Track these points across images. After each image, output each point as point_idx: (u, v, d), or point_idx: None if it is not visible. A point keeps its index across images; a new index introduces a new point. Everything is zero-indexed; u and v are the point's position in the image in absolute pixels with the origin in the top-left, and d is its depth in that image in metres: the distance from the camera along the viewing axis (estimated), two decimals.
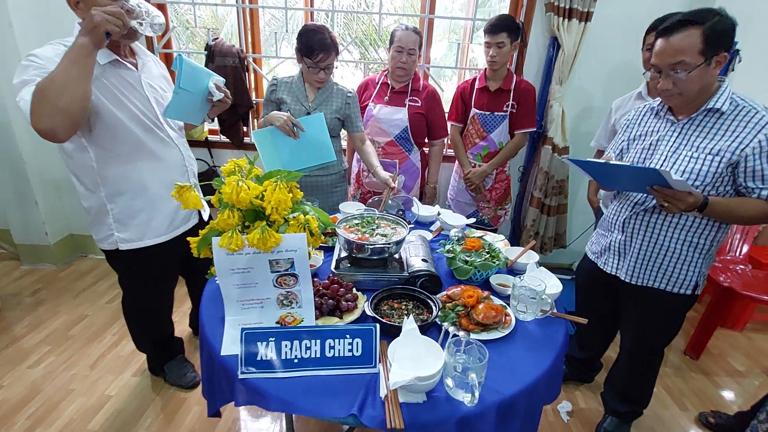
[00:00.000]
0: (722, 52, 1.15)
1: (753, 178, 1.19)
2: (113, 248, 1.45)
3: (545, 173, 2.51)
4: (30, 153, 2.47)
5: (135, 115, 1.35)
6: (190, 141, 1.69)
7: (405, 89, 2.09)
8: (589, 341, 1.84)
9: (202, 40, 3.88)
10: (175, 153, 1.50)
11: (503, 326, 1.10)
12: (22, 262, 2.72)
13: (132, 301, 1.66)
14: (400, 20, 2.58)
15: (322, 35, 1.71)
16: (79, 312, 2.28)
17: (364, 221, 1.40)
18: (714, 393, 1.99)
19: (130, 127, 1.34)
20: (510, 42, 1.97)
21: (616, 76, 2.45)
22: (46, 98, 1.08)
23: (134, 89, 1.36)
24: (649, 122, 1.39)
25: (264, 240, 0.95)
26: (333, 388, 0.89)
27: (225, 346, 1.00)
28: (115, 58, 1.32)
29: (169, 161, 1.48)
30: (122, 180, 1.39)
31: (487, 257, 1.35)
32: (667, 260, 1.36)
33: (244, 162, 1.06)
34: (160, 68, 1.53)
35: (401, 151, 2.15)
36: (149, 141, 1.40)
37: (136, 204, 1.42)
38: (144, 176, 1.41)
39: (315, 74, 1.77)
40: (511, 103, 2.11)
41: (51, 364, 1.91)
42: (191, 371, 1.84)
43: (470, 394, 0.84)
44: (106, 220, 1.42)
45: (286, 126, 1.67)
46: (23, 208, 2.57)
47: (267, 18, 4.97)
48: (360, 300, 1.15)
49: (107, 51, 1.29)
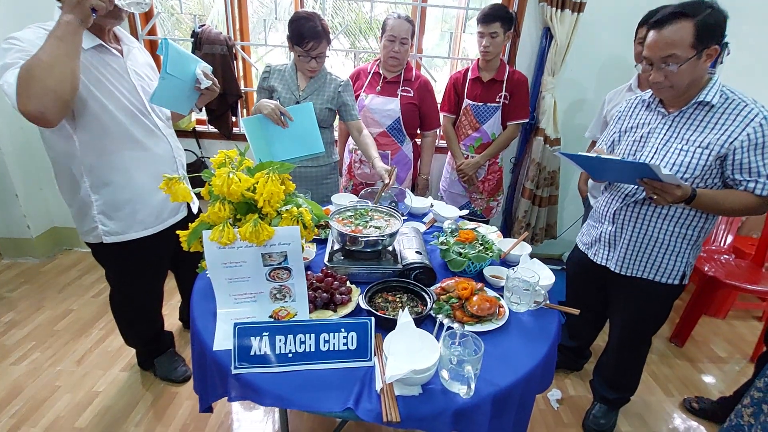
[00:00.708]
0: (713, 45, 1.15)
1: (740, 171, 1.21)
2: (98, 241, 1.41)
3: (537, 164, 2.52)
4: (8, 143, 2.38)
5: (121, 103, 1.31)
6: (177, 131, 1.64)
7: (397, 79, 2.07)
8: (579, 330, 1.87)
9: (188, 26, 3.78)
10: (163, 144, 1.45)
11: (497, 318, 1.10)
12: (3, 257, 2.64)
13: (120, 296, 1.62)
14: (391, 8, 2.54)
15: (313, 23, 1.67)
16: (64, 307, 2.23)
17: (357, 213, 1.39)
18: (698, 379, 2.05)
19: (116, 115, 1.30)
20: (503, 32, 1.95)
21: (607, 68, 2.46)
22: (33, 78, 1.04)
23: (120, 76, 1.31)
24: (641, 114, 1.40)
25: (256, 233, 0.92)
26: (328, 382, 0.89)
27: (217, 341, 0.98)
28: (100, 42, 1.26)
29: (156, 152, 1.43)
30: (107, 170, 1.34)
31: (481, 249, 1.35)
32: (656, 251, 1.38)
33: (234, 153, 1.03)
34: (145, 56, 1.47)
35: (393, 142, 2.13)
36: (136, 130, 1.35)
37: (122, 195, 1.38)
38: (130, 166, 1.37)
39: (306, 63, 1.73)
40: (504, 94, 2.10)
41: (35, 361, 1.87)
42: (182, 365, 1.82)
43: (466, 386, 0.85)
44: (89, 212, 1.37)
45: (273, 114, 1.64)
46: (2, 201, 2.48)
47: (255, 5, 4.84)
48: (354, 293, 1.14)
49: (91, 35, 1.23)
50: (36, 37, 1.14)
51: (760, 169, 1.19)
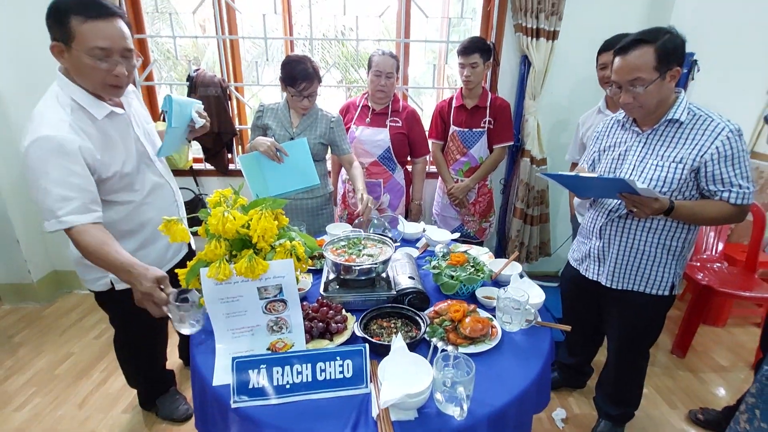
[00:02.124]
0: (675, 66, 1.24)
1: (714, 182, 1.27)
2: (106, 288, 1.40)
3: (526, 184, 2.59)
4: (9, 188, 2.44)
5: (131, 160, 1.31)
6: (175, 171, 1.69)
7: (385, 111, 2.16)
8: (578, 347, 1.88)
9: (184, 68, 3.93)
10: (166, 189, 1.47)
11: (490, 338, 1.13)
12: (3, 302, 2.66)
13: (126, 339, 1.62)
14: (377, 44, 2.67)
15: (305, 65, 1.77)
16: (64, 350, 2.23)
17: (350, 243, 1.43)
18: (701, 389, 2.04)
19: (127, 172, 1.29)
20: (483, 62, 2.06)
21: (586, 89, 2.56)
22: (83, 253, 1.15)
23: (127, 134, 1.31)
24: (617, 134, 1.47)
25: (252, 268, 0.97)
26: (326, 411, 0.91)
27: (217, 376, 1.00)
28: (111, 110, 1.25)
29: (160, 196, 1.44)
30: (119, 223, 1.33)
31: (472, 271, 1.38)
32: (644, 263, 1.42)
33: (229, 192, 1.08)
34: (138, 99, 1.48)
35: (385, 170, 2.20)
36: (143, 180, 1.37)
37: (132, 244, 1.37)
38: (138, 216, 1.37)
39: (299, 102, 1.82)
40: (488, 119, 2.19)
41: (37, 406, 1.86)
42: (183, 403, 1.81)
43: (459, 407, 0.87)
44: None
45: (270, 151, 1.71)
46: (4, 246, 2.52)
47: (247, 45, 5.05)
48: (349, 321, 1.17)
49: (100, 103, 1.22)
50: (59, 119, 1.14)
51: (732, 179, 1.25)
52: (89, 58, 1.10)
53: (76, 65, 1.13)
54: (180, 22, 4.84)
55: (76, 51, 1.10)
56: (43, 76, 2.30)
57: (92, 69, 1.12)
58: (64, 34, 1.09)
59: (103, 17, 1.10)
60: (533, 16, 2.29)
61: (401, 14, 2.48)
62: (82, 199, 1.13)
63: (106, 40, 1.10)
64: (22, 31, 2.29)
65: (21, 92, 2.37)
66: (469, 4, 2.66)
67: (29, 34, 2.29)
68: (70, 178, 1.11)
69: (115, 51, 1.13)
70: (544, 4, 2.26)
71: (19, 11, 2.27)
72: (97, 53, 1.11)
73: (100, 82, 1.16)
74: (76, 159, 1.12)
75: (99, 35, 1.09)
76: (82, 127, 1.17)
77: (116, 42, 1.12)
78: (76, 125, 1.16)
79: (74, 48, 1.10)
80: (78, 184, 1.12)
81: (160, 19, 4.48)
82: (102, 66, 1.12)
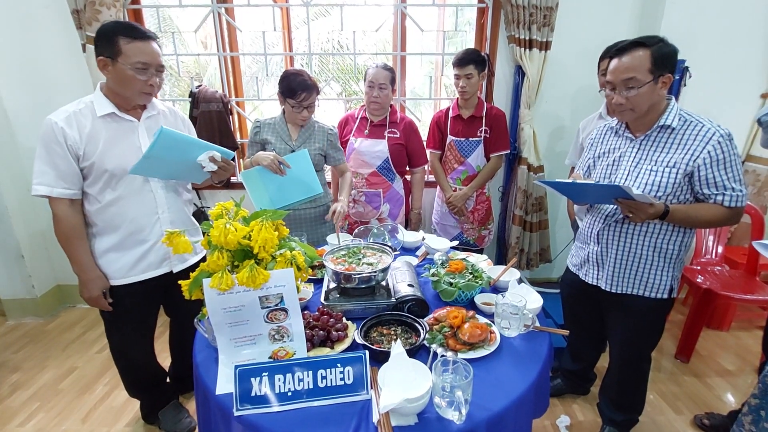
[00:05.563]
0: (667, 73, 1.28)
1: (707, 186, 1.30)
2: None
3: (523, 192, 2.61)
4: (15, 204, 2.48)
5: (118, 161, 1.38)
6: None
7: (383, 122, 2.20)
8: (581, 352, 1.88)
9: (186, 84, 4.01)
10: (148, 199, 1.48)
11: (489, 344, 1.14)
12: (7, 318, 2.67)
13: (114, 344, 1.63)
14: (375, 58, 2.73)
15: (303, 77, 1.82)
16: (68, 365, 2.24)
17: (350, 252, 1.45)
18: (707, 394, 2.03)
19: (108, 169, 1.38)
20: (477, 73, 2.11)
21: (580, 97, 2.61)
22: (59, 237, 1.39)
23: (128, 138, 1.41)
24: (611, 140, 1.50)
25: (253, 278, 0.99)
26: (327, 417, 0.92)
27: (220, 385, 1.02)
28: (113, 111, 1.38)
29: (139, 203, 1.46)
30: (92, 215, 1.43)
31: (470, 278, 1.40)
32: (642, 267, 1.43)
33: (230, 205, 1.11)
34: (177, 120, 1.58)
35: (384, 180, 2.23)
36: (128, 184, 1.42)
37: (103, 243, 1.46)
38: (109, 215, 1.43)
39: (298, 113, 1.86)
40: (484, 128, 2.23)
41: (41, 421, 1.86)
42: (186, 416, 1.81)
43: (458, 412, 0.88)
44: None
45: (273, 165, 1.74)
46: (8, 262, 2.55)
47: (248, 61, 5.14)
48: (350, 329, 1.19)
49: (108, 102, 1.38)
50: (66, 115, 1.34)
51: (725, 182, 1.28)
52: (132, 71, 1.31)
53: (119, 76, 1.33)
54: (182, 41, 4.95)
55: (122, 65, 1.31)
56: (51, 96, 2.40)
57: (133, 79, 1.33)
58: (111, 50, 1.30)
59: (144, 39, 1.33)
60: (526, 28, 2.35)
61: (397, 28, 2.54)
62: (54, 175, 1.33)
63: (146, 56, 1.32)
64: (31, 51, 2.36)
65: (28, 113, 2.44)
66: (464, 16, 2.73)
67: (38, 55, 2.36)
68: (49, 156, 1.32)
69: (152, 65, 1.34)
70: (536, 16, 2.31)
71: (29, 32, 2.34)
72: (138, 67, 1.32)
73: (138, 90, 1.36)
74: (58, 142, 1.32)
75: (141, 53, 1.32)
76: (79, 119, 1.35)
77: (154, 58, 1.35)
78: (74, 117, 1.34)
79: (119, 62, 1.31)
80: (55, 162, 1.33)
81: (163, 37, 4.58)
82: (141, 77, 1.33)
